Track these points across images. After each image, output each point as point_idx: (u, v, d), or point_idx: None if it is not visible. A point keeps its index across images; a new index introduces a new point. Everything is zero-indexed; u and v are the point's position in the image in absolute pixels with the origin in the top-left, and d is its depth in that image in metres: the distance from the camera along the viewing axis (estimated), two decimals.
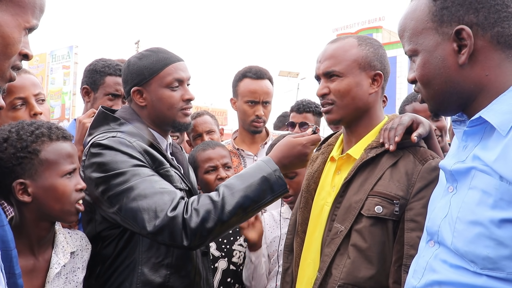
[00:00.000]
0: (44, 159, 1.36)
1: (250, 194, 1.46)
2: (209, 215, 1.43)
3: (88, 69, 2.33)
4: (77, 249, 1.51)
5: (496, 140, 0.94)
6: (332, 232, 1.42)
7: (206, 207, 1.44)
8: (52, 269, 1.40)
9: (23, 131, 1.37)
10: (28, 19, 1.02)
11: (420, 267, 1.08)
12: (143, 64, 1.67)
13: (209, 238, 1.48)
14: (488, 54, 1.00)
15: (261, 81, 2.44)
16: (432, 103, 1.11)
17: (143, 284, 1.53)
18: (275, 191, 1.49)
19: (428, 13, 1.06)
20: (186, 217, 1.42)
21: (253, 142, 2.52)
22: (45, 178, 1.36)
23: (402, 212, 1.34)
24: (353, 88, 1.46)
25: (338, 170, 1.55)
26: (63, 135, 1.43)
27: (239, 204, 1.45)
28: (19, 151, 1.33)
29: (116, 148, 1.51)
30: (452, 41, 1.02)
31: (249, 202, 1.46)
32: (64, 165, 1.40)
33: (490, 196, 0.90)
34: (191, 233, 1.42)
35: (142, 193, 1.45)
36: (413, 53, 1.10)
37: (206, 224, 1.42)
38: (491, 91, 1.01)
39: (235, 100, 2.54)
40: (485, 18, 0.99)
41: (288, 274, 1.63)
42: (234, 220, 1.47)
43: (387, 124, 1.49)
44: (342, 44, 1.51)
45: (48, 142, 1.38)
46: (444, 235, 1.01)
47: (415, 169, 1.37)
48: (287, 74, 32.45)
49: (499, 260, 0.89)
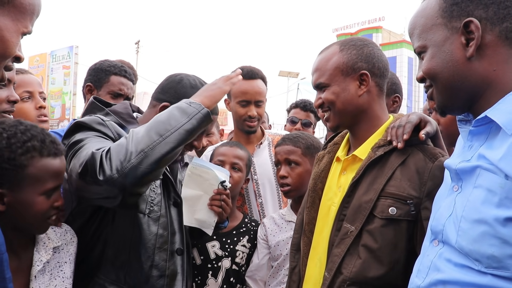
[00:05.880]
0: (29, 174, 1.28)
1: (161, 119, 1.43)
2: (122, 148, 1.37)
3: (93, 67, 2.37)
4: (61, 243, 1.48)
5: (501, 139, 0.94)
6: (341, 232, 1.41)
7: (118, 146, 1.39)
8: (34, 267, 1.37)
9: (14, 139, 1.28)
10: (26, 24, 1.05)
11: (424, 267, 1.07)
12: (191, 94, 1.61)
13: (137, 176, 1.36)
14: (496, 49, 1.01)
15: (253, 81, 2.43)
16: (440, 99, 1.11)
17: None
18: (189, 113, 1.45)
19: (438, 10, 1.07)
20: (105, 155, 1.36)
21: (249, 142, 2.51)
22: (25, 193, 1.29)
23: (418, 211, 1.33)
24: (340, 94, 1.48)
25: (344, 171, 1.54)
26: (55, 151, 1.35)
27: (150, 130, 1.40)
28: (5, 161, 1.25)
29: (89, 124, 1.54)
30: (460, 35, 1.03)
31: (162, 126, 1.41)
32: (47, 183, 1.32)
33: (495, 195, 0.90)
34: (112, 168, 1.34)
35: (87, 145, 1.44)
36: (422, 49, 1.11)
37: (125, 159, 1.35)
38: (498, 87, 1.01)
39: (228, 101, 2.55)
40: (494, 13, 1.00)
41: (295, 273, 1.62)
42: (154, 148, 1.37)
43: (394, 122, 1.48)
44: (325, 55, 1.54)
45: (38, 158, 1.30)
46: (449, 234, 1.01)
47: (426, 167, 1.37)
48: (287, 74, 32.46)
49: (504, 259, 0.89)
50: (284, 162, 2.11)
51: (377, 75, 1.51)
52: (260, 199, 2.42)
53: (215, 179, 1.91)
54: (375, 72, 1.50)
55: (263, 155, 2.51)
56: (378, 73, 1.51)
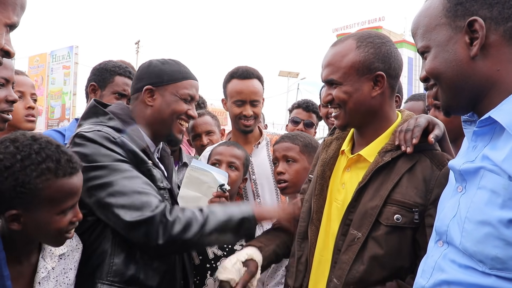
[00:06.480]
0: (46, 197, 1.24)
1: (225, 229, 1.60)
2: (190, 226, 1.52)
3: (97, 67, 2.38)
4: (67, 249, 1.46)
5: (505, 140, 0.94)
6: (348, 239, 1.39)
7: (189, 219, 1.53)
8: (38, 273, 1.35)
9: (28, 161, 1.22)
10: (9, 15, 1.04)
11: (429, 267, 1.07)
12: (165, 69, 1.76)
13: (181, 248, 1.58)
14: (500, 49, 1.00)
15: (248, 81, 2.44)
16: (444, 98, 1.10)
17: (115, 275, 1.54)
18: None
19: (442, 10, 1.06)
20: (170, 220, 1.49)
21: (247, 142, 2.51)
22: (41, 214, 1.25)
23: (422, 219, 1.31)
24: (352, 94, 1.43)
25: (348, 168, 1.52)
26: (71, 170, 1.28)
27: (215, 231, 1.56)
28: (20, 185, 1.20)
29: (99, 142, 1.55)
30: (464, 34, 1.02)
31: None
32: (64, 203, 1.28)
33: (499, 196, 0.90)
34: (170, 237, 1.49)
35: (120, 190, 1.50)
36: (426, 49, 1.10)
37: (185, 233, 1.50)
38: (502, 87, 1.01)
39: (225, 101, 2.56)
40: (499, 13, 0.99)
41: (302, 262, 1.56)
42: (206, 240, 1.58)
43: (401, 126, 1.45)
44: (340, 49, 1.46)
45: (54, 180, 1.24)
46: (453, 235, 1.00)
47: (432, 174, 1.35)
48: (287, 74, 32.48)
49: (508, 260, 0.89)
50: (282, 159, 2.11)
51: (392, 76, 1.45)
52: (259, 199, 2.41)
53: (214, 181, 1.90)
54: (390, 73, 1.44)
55: (261, 155, 2.51)
56: (393, 74, 1.45)
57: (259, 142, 2.53)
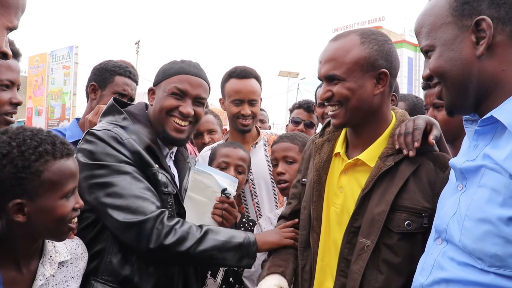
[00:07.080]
0: (47, 180, 1.23)
1: (223, 249, 1.58)
2: (185, 240, 1.53)
3: (97, 67, 2.39)
4: (71, 257, 1.43)
5: (507, 139, 0.94)
6: (357, 247, 1.36)
7: (185, 233, 1.54)
8: (36, 281, 1.31)
9: (25, 146, 1.22)
10: (11, 19, 1.04)
11: (428, 265, 1.08)
12: (165, 68, 1.80)
13: (173, 258, 1.57)
14: (506, 49, 1.00)
15: (246, 81, 2.44)
16: (449, 97, 1.10)
17: (109, 274, 1.55)
18: (240, 263, 1.62)
19: (449, 9, 1.06)
20: (165, 229, 1.51)
21: (244, 142, 2.50)
22: (45, 200, 1.24)
23: (430, 222, 1.29)
24: (356, 91, 1.38)
25: (345, 171, 1.48)
26: (67, 152, 1.30)
27: (212, 250, 1.56)
28: (20, 171, 1.20)
29: (107, 141, 1.58)
30: (471, 33, 1.02)
31: (217, 255, 1.58)
32: (66, 185, 1.28)
33: (499, 194, 0.91)
34: (161, 245, 1.49)
35: (119, 191, 1.52)
36: (430, 48, 1.10)
37: (179, 246, 1.52)
38: (506, 87, 1.01)
39: (223, 101, 2.56)
40: (506, 13, 1.00)
41: (306, 271, 1.54)
42: (196, 259, 1.57)
43: (399, 129, 1.43)
44: (343, 44, 1.41)
45: (52, 161, 1.25)
46: (453, 232, 1.01)
47: (437, 177, 1.34)
48: (287, 74, 32.46)
49: (507, 258, 0.89)
50: (282, 159, 2.10)
51: (393, 75, 1.42)
52: (256, 199, 2.41)
53: (217, 186, 1.90)
54: (392, 72, 1.41)
55: (259, 155, 2.50)
56: (394, 73, 1.43)
57: (257, 142, 2.53)
